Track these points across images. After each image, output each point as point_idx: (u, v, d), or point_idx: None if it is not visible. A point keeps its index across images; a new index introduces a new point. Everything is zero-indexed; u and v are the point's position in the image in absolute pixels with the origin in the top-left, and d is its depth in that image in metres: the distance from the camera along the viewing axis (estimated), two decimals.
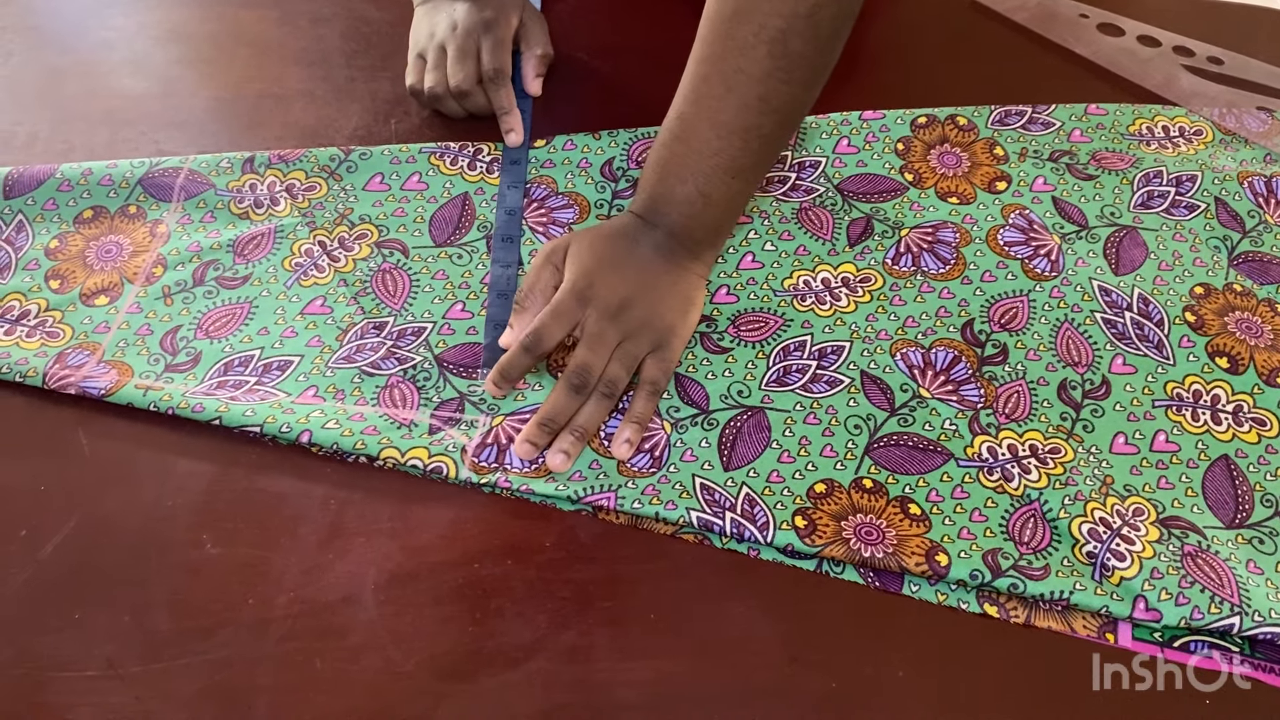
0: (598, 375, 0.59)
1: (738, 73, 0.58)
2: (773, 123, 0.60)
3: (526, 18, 0.78)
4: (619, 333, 0.60)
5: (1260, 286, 0.66)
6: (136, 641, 0.50)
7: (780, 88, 0.58)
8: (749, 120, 0.59)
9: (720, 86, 0.59)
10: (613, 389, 0.59)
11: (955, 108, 0.76)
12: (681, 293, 0.63)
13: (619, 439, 0.58)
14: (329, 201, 0.69)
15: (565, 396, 0.58)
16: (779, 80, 0.58)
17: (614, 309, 0.60)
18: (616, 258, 0.62)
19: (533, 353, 0.59)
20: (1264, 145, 0.75)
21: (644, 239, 0.63)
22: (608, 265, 0.62)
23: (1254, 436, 0.59)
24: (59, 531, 0.54)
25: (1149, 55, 0.81)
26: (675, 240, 0.63)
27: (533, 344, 0.59)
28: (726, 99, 0.59)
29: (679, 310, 0.62)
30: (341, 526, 0.55)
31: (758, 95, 0.58)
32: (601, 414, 0.59)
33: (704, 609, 0.53)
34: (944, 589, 0.53)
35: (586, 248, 0.62)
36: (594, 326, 0.60)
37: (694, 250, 0.63)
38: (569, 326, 0.60)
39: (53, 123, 0.74)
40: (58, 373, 0.59)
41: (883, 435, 0.58)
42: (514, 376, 0.59)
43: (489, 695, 0.49)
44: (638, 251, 0.62)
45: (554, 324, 0.60)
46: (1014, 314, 0.64)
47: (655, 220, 0.63)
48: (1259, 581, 0.53)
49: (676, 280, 0.63)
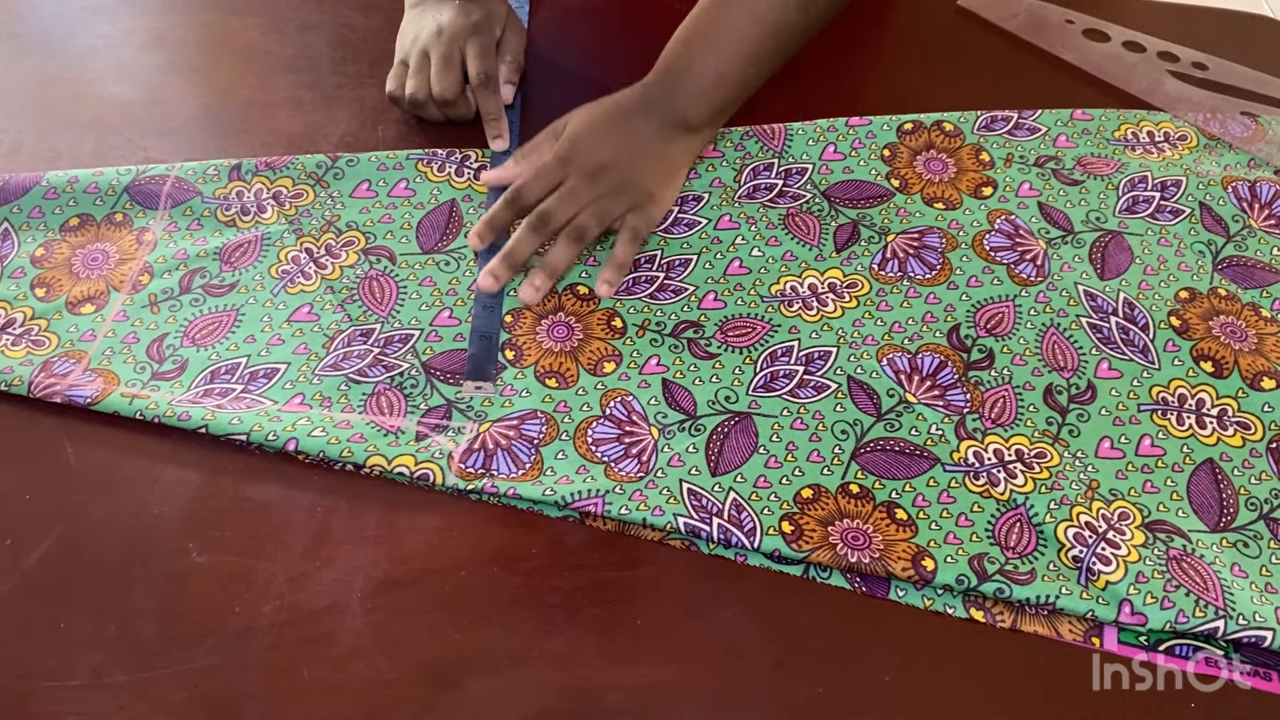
0: (559, 222, 0.65)
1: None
2: (802, 23, 0.66)
3: (509, 27, 0.79)
4: (594, 192, 0.65)
5: (1244, 291, 0.67)
6: (122, 650, 0.50)
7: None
8: (785, 16, 0.65)
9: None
10: (581, 234, 0.64)
11: (941, 114, 0.77)
12: (667, 163, 0.68)
13: (600, 279, 0.64)
14: (316, 209, 0.69)
15: (524, 233, 0.64)
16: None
17: (593, 170, 0.66)
18: (609, 126, 0.68)
19: (513, 206, 0.65)
20: (1248, 150, 0.75)
21: (642, 111, 0.68)
22: (599, 132, 0.67)
23: (1238, 440, 0.59)
24: (44, 540, 0.54)
25: (1134, 61, 0.82)
26: (675, 112, 0.67)
27: (514, 198, 0.65)
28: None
29: (661, 178, 0.68)
30: (328, 534, 0.55)
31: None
32: (570, 255, 0.64)
33: (691, 615, 0.53)
34: (930, 594, 0.54)
35: (583, 118, 0.68)
36: (570, 183, 0.66)
37: (691, 125, 0.68)
38: (550, 185, 0.66)
39: (39, 130, 0.74)
40: (43, 381, 0.59)
41: (869, 440, 0.59)
42: (498, 226, 0.66)
43: (476, 703, 0.49)
44: (632, 122, 0.67)
45: (535, 183, 0.66)
46: (1000, 319, 0.64)
47: (664, 90, 0.68)
48: (1243, 585, 0.53)
49: (664, 151, 0.68)
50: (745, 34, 0.66)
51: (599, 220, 0.65)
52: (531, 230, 0.64)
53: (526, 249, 0.64)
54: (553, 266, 0.64)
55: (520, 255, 0.64)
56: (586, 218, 0.65)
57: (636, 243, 0.66)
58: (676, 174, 0.69)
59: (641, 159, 0.67)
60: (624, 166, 0.66)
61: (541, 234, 0.64)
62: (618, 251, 0.65)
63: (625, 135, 0.67)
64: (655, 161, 0.68)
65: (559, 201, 0.65)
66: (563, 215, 0.65)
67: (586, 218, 0.65)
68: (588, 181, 0.66)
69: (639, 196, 0.66)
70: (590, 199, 0.65)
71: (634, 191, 0.66)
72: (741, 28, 0.66)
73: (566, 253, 0.64)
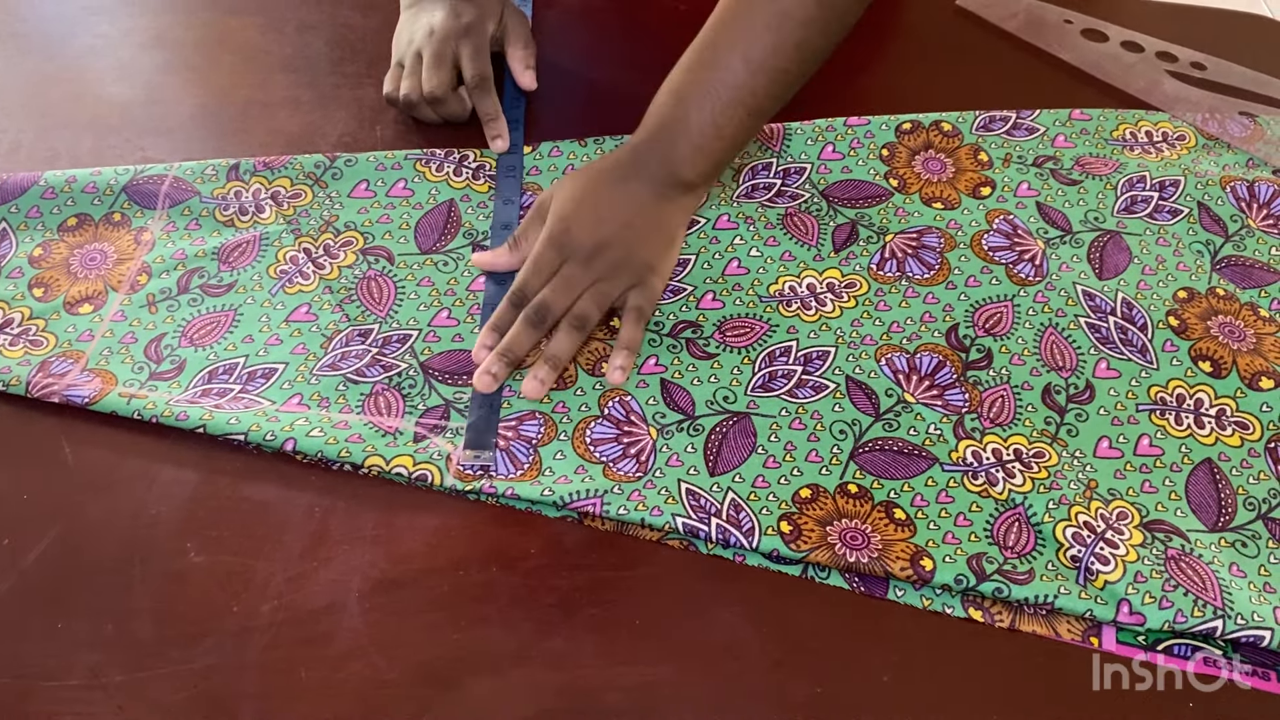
0: (557, 314, 0.61)
1: (783, 16, 0.61)
2: (798, 69, 0.63)
3: (508, 16, 0.78)
4: (592, 276, 0.61)
5: (1243, 290, 0.67)
6: (120, 650, 0.50)
7: (817, 37, 0.61)
8: (780, 62, 0.61)
9: (761, 24, 0.61)
10: (583, 322, 0.60)
11: (940, 113, 0.77)
12: (664, 230, 0.64)
13: (612, 366, 0.60)
14: (314, 208, 0.69)
15: (522, 327, 0.60)
16: (818, 30, 0.61)
17: (588, 252, 0.62)
18: (598, 198, 0.63)
19: (518, 307, 0.61)
20: (1246, 150, 0.75)
21: (635, 173, 0.64)
22: (588, 208, 0.63)
23: (1237, 440, 0.59)
24: (42, 540, 0.54)
25: (1132, 61, 0.82)
26: (670, 171, 0.64)
27: (518, 300, 0.61)
28: (764, 37, 0.61)
29: (659, 247, 0.64)
30: (326, 534, 0.54)
31: (795, 42, 0.61)
32: (573, 344, 0.60)
33: (689, 615, 0.53)
34: (929, 594, 0.54)
35: (568, 193, 0.64)
36: (566, 270, 0.62)
37: (687, 183, 0.65)
38: (548, 275, 0.62)
39: (37, 130, 0.74)
40: (41, 381, 0.59)
41: (867, 440, 0.59)
42: (504, 329, 0.61)
43: (474, 702, 0.49)
44: (624, 188, 0.64)
45: (534, 277, 0.62)
46: (998, 319, 0.64)
47: (658, 148, 0.64)
48: (1241, 585, 0.53)
49: (660, 216, 0.64)
50: (740, 82, 0.62)
51: (599, 305, 0.61)
52: (530, 325, 0.60)
53: (526, 345, 0.60)
54: (556, 358, 0.60)
55: (520, 352, 0.60)
56: (586, 305, 0.61)
57: (643, 323, 0.62)
58: (675, 239, 0.65)
59: (637, 231, 0.63)
60: (620, 243, 0.62)
61: (541, 329, 0.60)
62: (625, 336, 0.61)
63: (617, 206, 0.63)
64: (653, 232, 0.64)
65: (556, 291, 0.61)
66: (561, 305, 0.61)
67: (586, 305, 0.61)
68: (583, 265, 0.62)
69: (639, 272, 0.62)
70: (588, 283, 0.61)
71: (633, 268, 0.62)
72: (737, 76, 0.62)
73: (569, 342, 0.60)
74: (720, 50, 0.62)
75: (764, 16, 0.61)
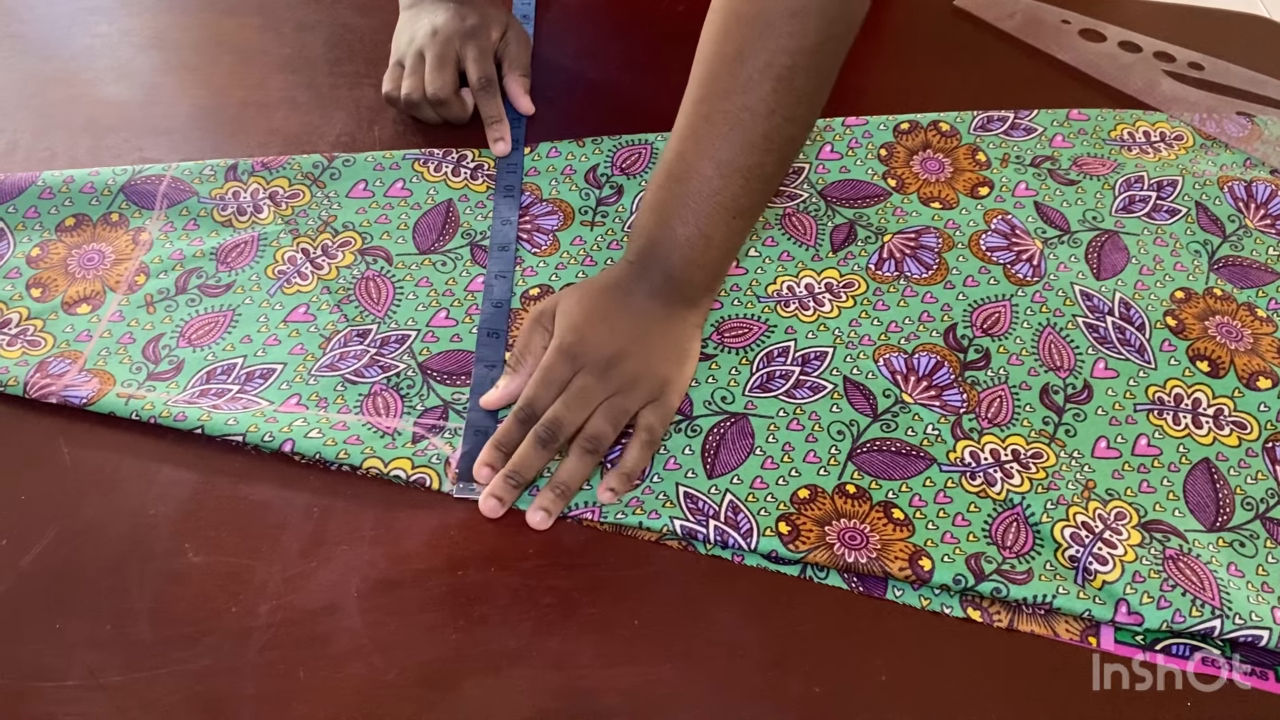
0: (569, 431, 0.56)
1: (742, 111, 0.56)
2: (774, 160, 0.58)
3: (511, 36, 0.78)
4: (608, 389, 0.57)
5: (1240, 291, 0.67)
6: (118, 651, 0.50)
7: (783, 125, 0.57)
8: (752, 159, 0.57)
9: (724, 125, 0.57)
10: (597, 445, 0.56)
11: (938, 114, 0.77)
12: (677, 343, 0.60)
13: (603, 486, 0.56)
14: (312, 209, 0.69)
15: (531, 448, 0.56)
16: (783, 117, 0.57)
17: (604, 364, 0.58)
18: (607, 310, 0.60)
19: (526, 424, 0.57)
20: (1244, 150, 0.75)
21: (638, 288, 0.60)
22: (598, 318, 0.59)
23: (1234, 440, 0.60)
24: (40, 541, 0.54)
25: (1130, 61, 0.82)
26: (672, 286, 0.60)
27: (526, 415, 0.57)
28: (730, 137, 0.57)
29: (674, 361, 0.60)
30: (324, 534, 0.54)
31: (762, 133, 0.57)
32: (585, 471, 0.56)
33: (688, 615, 0.53)
34: (927, 593, 0.54)
35: (574, 304, 0.60)
36: (579, 382, 0.57)
37: (691, 297, 0.61)
38: (560, 389, 0.57)
39: (35, 130, 0.74)
40: (39, 381, 0.59)
41: (865, 441, 0.59)
42: (510, 448, 0.56)
43: (473, 703, 0.49)
44: (631, 302, 0.60)
45: (544, 390, 0.57)
46: (996, 319, 0.64)
47: (653, 265, 0.60)
48: (1239, 584, 0.53)
49: (671, 329, 0.60)
50: (717, 188, 0.58)
51: (614, 424, 0.57)
52: (540, 444, 0.56)
53: (536, 467, 0.56)
54: (566, 486, 0.55)
55: (530, 475, 0.56)
56: (600, 423, 0.56)
57: (652, 449, 0.57)
58: (687, 354, 0.61)
59: (652, 344, 0.59)
60: (637, 353, 0.58)
61: (552, 448, 0.56)
62: (629, 459, 0.56)
63: (627, 316, 0.59)
64: (666, 342, 0.60)
65: (569, 407, 0.56)
66: (574, 422, 0.56)
67: (600, 423, 0.56)
68: (599, 376, 0.57)
69: (655, 387, 0.58)
70: (603, 397, 0.57)
71: (650, 382, 0.58)
72: (711, 183, 0.58)
73: (582, 468, 0.56)
74: (689, 160, 0.58)
75: (725, 116, 0.57)
